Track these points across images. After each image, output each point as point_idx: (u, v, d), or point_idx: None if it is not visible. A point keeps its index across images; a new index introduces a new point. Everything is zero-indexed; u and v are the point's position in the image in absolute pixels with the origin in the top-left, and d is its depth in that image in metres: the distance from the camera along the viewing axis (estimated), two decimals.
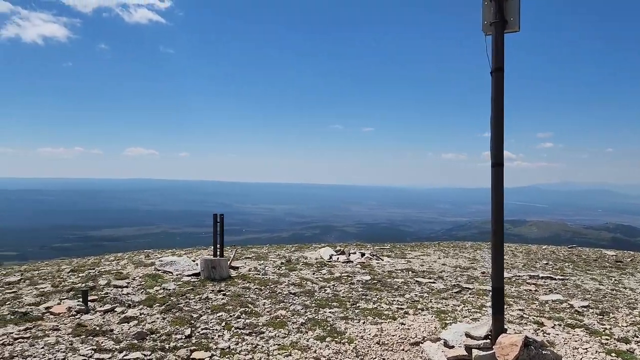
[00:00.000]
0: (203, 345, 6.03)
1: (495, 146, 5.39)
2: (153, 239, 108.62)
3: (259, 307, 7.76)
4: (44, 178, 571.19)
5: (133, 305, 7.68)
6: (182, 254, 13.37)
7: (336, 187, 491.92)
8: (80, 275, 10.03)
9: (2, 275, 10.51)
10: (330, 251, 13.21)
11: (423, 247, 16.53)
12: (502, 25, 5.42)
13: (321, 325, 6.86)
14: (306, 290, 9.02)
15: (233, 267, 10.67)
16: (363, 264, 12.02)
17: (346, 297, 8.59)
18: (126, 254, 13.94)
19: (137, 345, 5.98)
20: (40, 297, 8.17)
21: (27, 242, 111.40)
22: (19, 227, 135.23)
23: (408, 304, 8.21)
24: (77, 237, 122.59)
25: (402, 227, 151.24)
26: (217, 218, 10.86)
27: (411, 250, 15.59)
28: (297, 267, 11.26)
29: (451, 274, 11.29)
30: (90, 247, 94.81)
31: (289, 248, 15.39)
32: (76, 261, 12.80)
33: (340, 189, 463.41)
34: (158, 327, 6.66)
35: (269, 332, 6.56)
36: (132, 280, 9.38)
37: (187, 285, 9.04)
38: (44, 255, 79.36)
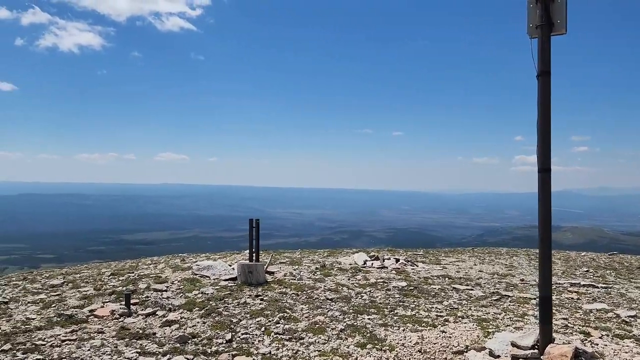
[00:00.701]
0: (244, 350, 6.06)
1: (542, 151, 5.27)
2: (185, 243, 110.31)
3: (297, 312, 7.76)
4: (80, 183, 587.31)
5: (173, 309, 7.79)
6: (216, 258, 13.50)
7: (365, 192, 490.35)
8: (120, 279, 10.24)
9: (45, 278, 10.82)
10: (364, 256, 13.13)
11: (457, 253, 16.28)
12: (548, 27, 5.31)
13: (361, 332, 6.81)
14: (343, 296, 8.98)
15: (269, 272, 10.72)
16: (398, 270, 11.90)
17: (383, 304, 8.51)
18: (162, 258, 14.16)
19: (179, 349, 6.05)
20: (83, 300, 8.37)
21: (63, 245, 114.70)
22: (55, 231, 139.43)
23: (447, 312, 8.08)
24: (111, 241, 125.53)
25: (432, 232, 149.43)
26: (252, 223, 10.92)
27: (445, 256, 15.38)
28: (332, 273, 11.23)
29: (489, 281, 11.08)
30: (123, 250, 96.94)
31: (321, 253, 15.37)
32: (114, 264, 13.09)
33: (370, 193, 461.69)
34: (199, 331, 6.73)
35: (309, 338, 6.55)
36: (171, 284, 9.52)
37: (225, 289, 9.12)
38: (79, 258, 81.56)
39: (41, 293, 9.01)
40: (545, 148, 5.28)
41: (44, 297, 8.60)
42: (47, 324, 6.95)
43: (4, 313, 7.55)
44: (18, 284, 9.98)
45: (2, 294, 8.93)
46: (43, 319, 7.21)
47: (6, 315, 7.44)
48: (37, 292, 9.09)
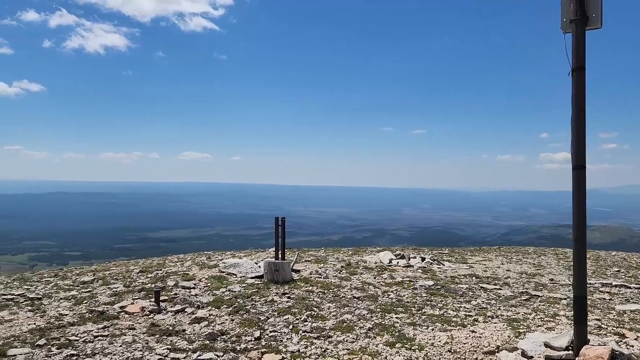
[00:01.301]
0: (273, 347, 6.07)
1: (576, 148, 5.15)
2: (207, 241, 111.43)
3: (324, 310, 7.76)
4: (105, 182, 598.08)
5: (202, 306, 7.86)
6: (242, 256, 13.60)
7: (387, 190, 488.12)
8: (148, 276, 10.39)
9: (76, 275, 11.04)
10: (389, 255, 13.06)
11: (484, 252, 16.07)
12: (583, 22, 5.18)
13: (389, 331, 6.77)
14: (369, 294, 8.94)
15: (295, 270, 10.74)
16: (424, 269, 11.81)
17: (411, 303, 8.45)
18: (188, 256, 14.33)
19: (209, 345, 6.10)
20: (114, 296, 8.52)
21: (90, 242, 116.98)
22: (82, 228, 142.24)
23: (476, 311, 7.97)
24: (136, 238, 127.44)
25: (456, 230, 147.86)
26: (278, 221, 10.96)
27: (472, 254, 15.20)
28: (358, 271, 11.20)
29: (517, 281, 10.90)
30: (148, 248, 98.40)
31: (345, 251, 15.35)
32: (142, 262, 13.28)
33: (392, 192, 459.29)
34: (228, 329, 6.78)
35: (337, 336, 6.53)
36: (199, 282, 9.62)
37: (252, 287, 9.17)
38: (106, 255, 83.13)
39: (72, 289, 9.20)
40: (579, 144, 5.16)
41: (75, 294, 8.78)
42: (79, 319, 7.08)
43: (37, 309, 7.73)
44: (50, 281, 10.21)
45: (35, 290, 9.14)
46: (75, 315, 7.36)
47: (40, 311, 7.62)
48: (69, 289, 9.28)
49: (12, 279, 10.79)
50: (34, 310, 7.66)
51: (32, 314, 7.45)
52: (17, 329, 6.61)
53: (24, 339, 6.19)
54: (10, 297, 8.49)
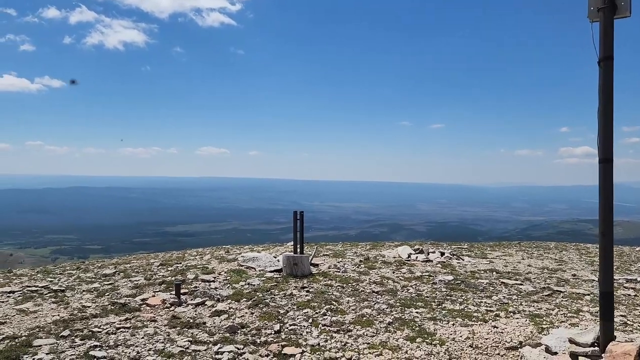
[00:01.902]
0: (293, 341, 6.07)
1: (603, 141, 5.03)
2: (225, 235, 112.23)
3: (343, 304, 7.74)
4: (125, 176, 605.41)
5: (222, 299, 7.90)
6: (260, 250, 13.64)
7: (402, 185, 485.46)
8: (169, 269, 10.48)
9: (97, 267, 11.19)
10: (408, 250, 12.98)
11: (504, 247, 15.89)
12: (611, 10, 5.04)
13: (409, 326, 6.72)
14: (388, 289, 8.90)
15: (314, 264, 10.74)
16: (443, 264, 11.71)
17: (430, 297, 8.38)
18: (207, 249, 14.43)
19: (229, 338, 6.13)
20: (135, 289, 8.61)
21: (110, 236, 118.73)
22: (102, 222, 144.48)
23: (497, 306, 7.88)
24: (155, 233, 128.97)
25: (473, 226, 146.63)
26: (297, 215, 10.96)
27: (491, 250, 15.03)
28: (376, 266, 11.15)
29: (539, 276, 10.75)
30: (167, 242, 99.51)
31: (363, 246, 15.30)
32: (162, 255, 13.41)
33: (407, 186, 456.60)
34: (248, 322, 6.80)
35: (357, 330, 6.51)
36: (218, 275, 9.68)
37: (271, 281, 9.19)
38: (125, 249, 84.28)
39: (95, 282, 9.32)
40: (606, 137, 5.04)
41: (97, 286, 8.89)
42: (102, 311, 7.17)
43: (61, 301, 7.84)
44: (72, 273, 10.36)
45: (59, 283, 9.29)
46: (98, 307, 7.45)
47: (63, 302, 7.73)
48: (91, 281, 9.40)
49: (35, 271, 10.98)
50: (58, 302, 7.78)
51: (55, 305, 7.57)
52: (42, 320, 6.72)
53: (49, 330, 6.28)
54: (35, 289, 8.64)
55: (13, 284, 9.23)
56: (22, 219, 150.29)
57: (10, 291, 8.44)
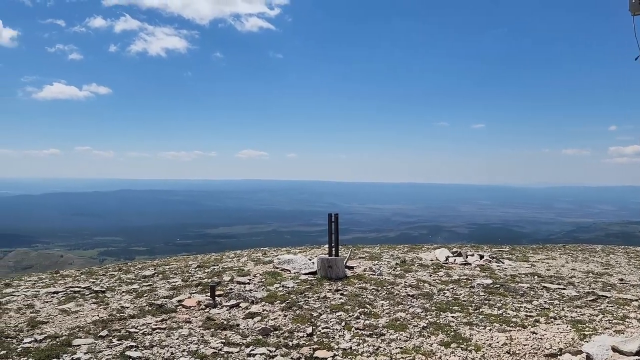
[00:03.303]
0: (325, 344, 6.04)
1: None
2: (264, 237, 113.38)
3: (377, 308, 7.65)
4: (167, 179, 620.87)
5: (256, 301, 7.95)
6: (297, 252, 13.68)
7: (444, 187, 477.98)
8: (205, 271, 10.64)
9: (138, 269, 11.47)
10: (446, 252, 12.74)
11: (547, 250, 15.37)
12: None
13: (444, 330, 6.58)
14: (424, 292, 8.74)
15: (348, 266, 10.67)
16: (482, 267, 11.43)
17: (467, 302, 8.18)
18: (245, 251, 14.58)
19: (262, 340, 6.15)
20: (172, 290, 8.78)
21: (154, 238, 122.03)
22: (147, 225, 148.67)
23: (538, 312, 7.61)
24: (196, 234, 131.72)
25: (516, 228, 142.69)
26: (332, 217, 10.93)
27: (533, 253, 14.56)
28: (413, 269, 10.99)
29: (583, 280, 10.33)
30: (208, 243, 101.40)
31: (401, 248, 15.11)
32: (200, 257, 13.64)
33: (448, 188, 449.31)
34: (280, 324, 6.81)
35: (390, 334, 6.42)
36: (253, 277, 9.75)
37: (305, 283, 9.19)
38: (168, 250, 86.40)
39: (134, 283, 9.56)
40: None
41: (136, 287, 9.12)
42: (139, 312, 7.34)
43: (101, 301, 8.08)
44: (114, 275, 10.66)
45: (100, 284, 9.57)
46: (136, 307, 7.63)
47: (103, 303, 7.96)
48: (131, 282, 9.65)
49: (79, 272, 11.36)
50: (98, 302, 8.01)
51: (96, 306, 7.80)
52: (82, 320, 6.94)
53: (88, 329, 6.48)
54: (77, 289, 8.93)
55: (58, 284, 9.57)
56: (71, 222, 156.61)
57: (55, 292, 8.76)
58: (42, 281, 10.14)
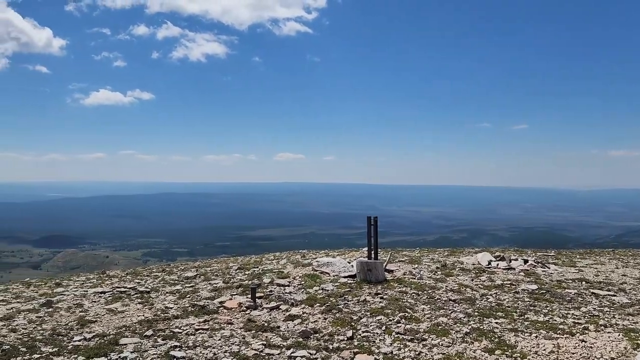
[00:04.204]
0: (365, 348, 6.00)
1: None
2: (303, 239, 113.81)
3: (418, 312, 7.55)
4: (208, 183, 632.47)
5: (296, 303, 7.99)
6: (335, 255, 13.66)
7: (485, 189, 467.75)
8: (246, 273, 10.77)
9: (180, 270, 11.72)
10: (488, 256, 12.45)
11: (595, 255, 14.79)
12: None
13: (488, 336, 6.42)
14: (466, 297, 8.57)
15: (388, 270, 10.58)
16: (527, 272, 11.11)
17: (512, 307, 7.96)
18: (284, 254, 14.68)
19: (302, 343, 6.17)
20: (214, 291, 8.92)
21: (195, 240, 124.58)
22: (188, 227, 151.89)
23: (586, 319, 7.33)
24: (235, 237, 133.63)
25: (563, 232, 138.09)
26: (371, 220, 10.87)
27: (581, 257, 14.05)
28: (454, 273, 10.79)
29: (635, 287, 9.88)
30: (246, 245, 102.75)
31: (441, 252, 14.87)
32: (241, 259, 13.81)
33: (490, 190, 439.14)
34: (320, 327, 6.81)
35: (432, 339, 6.32)
36: (293, 280, 9.80)
37: (345, 286, 9.17)
38: (208, 252, 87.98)
39: (177, 284, 9.78)
40: None
41: (179, 288, 9.31)
42: (182, 313, 7.49)
43: (146, 301, 8.29)
44: (158, 275, 10.93)
45: (145, 284, 9.83)
46: (179, 308, 7.79)
47: (148, 303, 8.16)
48: (174, 283, 9.87)
49: (125, 273, 11.71)
50: (143, 302, 8.23)
51: (141, 306, 8.01)
52: (128, 320, 7.14)
53: (134, 329, 6.66)
54: (124, 289, 9.20)
55: (105, 284, 9.89)
56: (116, 223, 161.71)
57: (102, 292, 9.06)
58: (90, 281, 10.51)
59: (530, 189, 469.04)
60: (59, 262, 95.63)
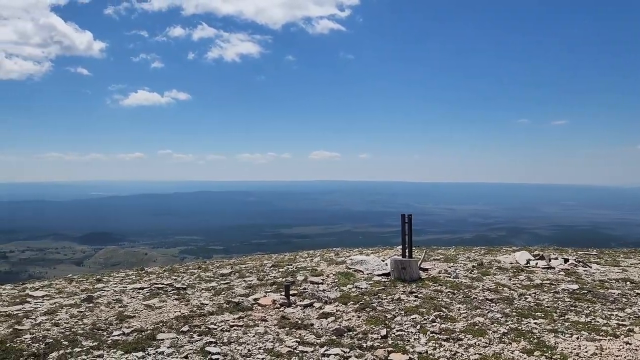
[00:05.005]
0: (399, 347, 5.94)
1: None
2: (337, 238, 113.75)
3: (453, 311, 7.42)
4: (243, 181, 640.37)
5: (329, 301, 7.98)
6: (369, 253, 13.59)
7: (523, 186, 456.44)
8: (280, 270, 10.83)
9: (216, 267, 11.89)
10: (526, 255, 12.14)
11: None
12: None
13: (526, 337, 6.26)
14: (504, 296, 8.38)
15: (422, 268, 10.45)
16: (567, 271, 10.77)
17: (552, 307, 7.74)
18: (317, 252, 14.70)
19: (336, 341, 6.16)
20: (248, 289, 9.01)
21: (231, 237, 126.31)
22: (224, 224, 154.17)
23: (631, 320, 7.06)
24: (270, 234, 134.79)
25: (605, 230, 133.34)
26: (405, 218, 10.76)
27: (625, 257, 13.54)
28: (491, 272, 10.57)
29: None
30: (281, 243, 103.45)
31: (477, 250, 14.60)
32: (275, 257, 13.91)
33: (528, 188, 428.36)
34: (354, 325, 6.78)
35: (468, 339, 6.20)
36: (327, 278, 9.80)
37: (378, 284, 9.10)
38: (244, 250, 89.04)
39: (213, 281, 9.92)
40: None
41: (215, 285, 9.45)
42: (218, 309, 7.59)
43: (182, 298, 8.44)
44: (194, 272, 11.12)
45: (181, 281, 10.01)
46: (215, 304, 7.90)
47: (185, 299, 8.31)
48: (210, 280, 10.02)
49: (163, 270, 11.96)
50: (180, 298, 8.38)
51: (177, 302, 8.16)
52: (165, 316, 7.28)
53: (171, 325, 6.78)
54: (161, 286, 9.39)
55: (143, 281, 10.13)
56: (154, 221, 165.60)
57: (140, 288, 9.28)
58: (128, 277, 10.78)
59: (571, 186, 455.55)
60: (100, 259, 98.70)
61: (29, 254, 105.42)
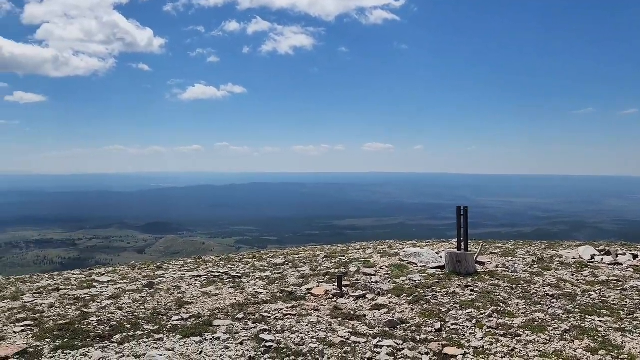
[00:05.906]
0: (454, 341, 5.81)
1: None
2: (391, 230, 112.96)
3: (511, 307, 7.18)
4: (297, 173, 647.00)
5: (382, 293, 7.92)
6: (423, 245, 13.38)
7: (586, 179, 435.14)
8: (332, 261, 10.86)
9: (270, 257, 12.07)
10: (591, 250, 11.57)
11: None
12: None
13: (590, 335, 5.96)
14: (566, 293, 8.02)
15: (479, 262, 10.18)
16: (636, 268, 10.18)
17: (619, 305, 7.33)
18: (370, 243, 14.62)
19: (389, 333, 6.10)
20: (301, 278, 9.09)
21: (285, 228, 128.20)
22: (278, 216, 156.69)
23: None
24: (324, 226, 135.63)
25: None
26: (460, 210, 10.50)
27: None
28: (552, 267, 10.15)
29: None
30: (334, 235, 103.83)
31: (537, 245, 14.05)
32: (327, 248, 13.96)
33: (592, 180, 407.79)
34: (407, 317, 6.70)
35: (527, 335, 5.97)
36: (379, 269, 9.73)
37: (432, 277, 8.95)
38: (297, 240, 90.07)
39: (267, 270, 10.08)
40: None
41: (269, 274, 9.60)
42: (271, 298, 7.71)
43: (238, 286, 8.63)
44: (249, 262, 11.34)
45: (237, 269, 10.24)
46: (268, 293, 8.03)
47: (240, 288, 8.49)
48: (264, 270, 10.19)
49: (219, 259, 12.28)
50: (235, 287, 8.57)
51: (233, 290, 8.35)
52: (221, 303, 7.47)
53: (226, 312, 6.95)
54: (217, 274, 9.65)
55: (201, 269, 10.43)
56: (212, 212, 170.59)
57: (198, 275, 9.57)
58: (187, 265, 11.14)
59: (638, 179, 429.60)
60: (161, 247, 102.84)
61: (95, 241, 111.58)
